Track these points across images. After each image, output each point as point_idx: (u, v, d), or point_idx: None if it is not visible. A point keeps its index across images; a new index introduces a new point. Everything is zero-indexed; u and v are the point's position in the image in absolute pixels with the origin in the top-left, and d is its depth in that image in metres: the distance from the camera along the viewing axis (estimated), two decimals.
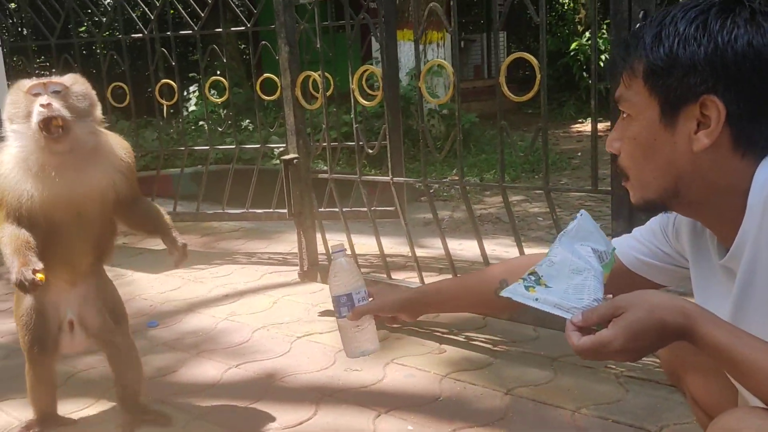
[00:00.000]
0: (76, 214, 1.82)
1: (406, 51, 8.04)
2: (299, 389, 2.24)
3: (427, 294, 1.57)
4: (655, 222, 1.28)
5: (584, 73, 10.29)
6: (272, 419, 2.05)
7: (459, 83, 2.33)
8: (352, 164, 6.58)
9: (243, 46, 11.45)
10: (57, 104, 1.69)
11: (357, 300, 1.43)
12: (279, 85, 3.02)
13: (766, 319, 0.99)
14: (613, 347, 0.97)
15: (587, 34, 9.43)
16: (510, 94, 2.24)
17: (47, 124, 1.68)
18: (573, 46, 10.78)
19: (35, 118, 1.68)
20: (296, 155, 2.77)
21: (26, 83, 1.76)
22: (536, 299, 1.11)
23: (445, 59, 9.00)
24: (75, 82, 1.80)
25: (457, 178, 6.49)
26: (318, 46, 2.69)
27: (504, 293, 1.15)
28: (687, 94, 1.01)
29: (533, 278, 1.16)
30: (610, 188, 2.08)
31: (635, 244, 1.32)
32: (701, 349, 0.94)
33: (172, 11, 4.01)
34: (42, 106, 1.67)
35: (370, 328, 1.46)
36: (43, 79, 1.77)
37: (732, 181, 1.02)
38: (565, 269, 1.14)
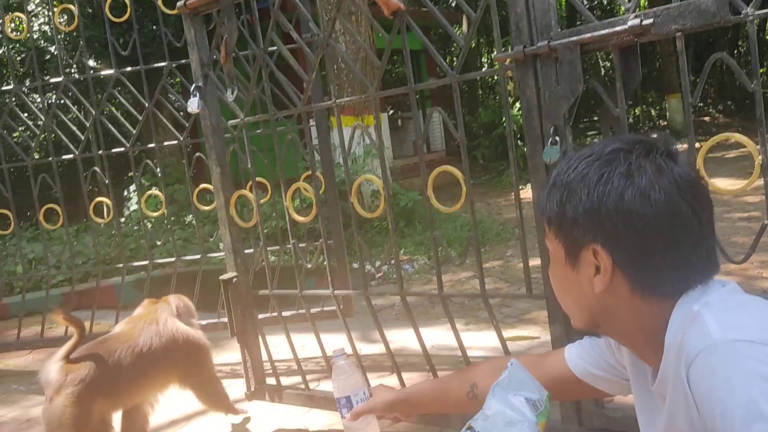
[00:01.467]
0: None
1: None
2: None
3: (412, 396, 1.61)
4: None
5: (519, 141, 10.67)
6: None
7: (389, 194, 2.38)
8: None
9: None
10: None
11: (356, 402, 1.50)
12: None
13: None
14: None
15: (518, 104, 9.79)
16: (439, 205, 2.29)
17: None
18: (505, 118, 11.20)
19: None
20: (235, 274, 2.75)
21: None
22: None
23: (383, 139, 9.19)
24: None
25: (406, 258, 6.47)
26: (249, 165, 2.71)
27: None
28: (577, 242, 1.07)
29: None
30: (544, 293, 2.11)
31: (584, 354, 1.37)
32: None
33: (108, 109, 3.99)
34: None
35: (372, 428, 1.53)
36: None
37: (640, 321, 1.06)
38: (499, 422, 1.15)
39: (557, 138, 1.93)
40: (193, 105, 2.61)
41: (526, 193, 9.67)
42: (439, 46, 15.60)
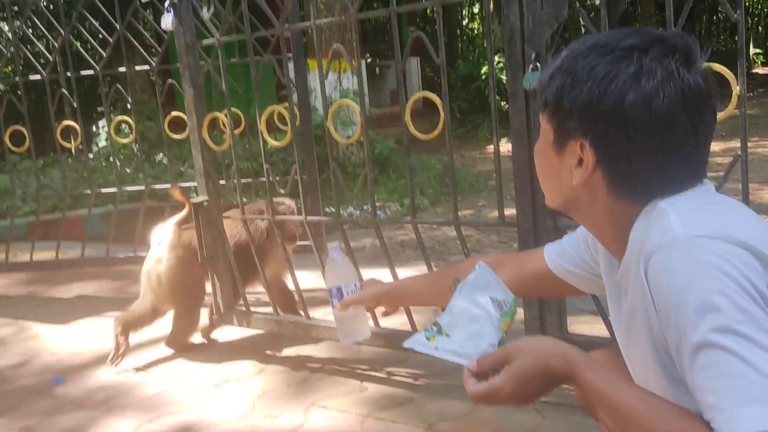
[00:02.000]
0: None
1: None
2: None
3: (398, 288, 1.65)
4: (580, 231, 1.34)
5: (496, 96, 10.65)
6: None
7: (366, 122, 2.35)
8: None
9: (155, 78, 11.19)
10: None
11: (346, 293, 1.55)
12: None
13: (642, 357, 1.03)
14: (504, 393, 1.00)
15: (497, 57, 9.72)
16: (416, 132, 2.27)
17: (294, 239, 2.90)
18: (484, 69, 11.10)
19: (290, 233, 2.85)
20: (206, 198, 2.71)
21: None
22: (436, 348, 1.15)
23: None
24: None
25: (379, 204, 6.50)
26: (223, 87, 2.65)
27: (406, 344, 1.20)
28: (567, 132, 1.05)
29: (435, 328, 1.19)
30: (516, 220, 2.13)
31: (562, 252, 1.38)
32: (583, 393, 0.98)
33: (78, 41, 3.86)
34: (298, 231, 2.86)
35: (360, 318, 1.59)
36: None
37: (610, 216, 1.07)
38: (464, 318, 1.18)
39: (538, 64, 1.92)
40: (167, 21, 2.53)
41: (501, 147, 9.65)
42: None
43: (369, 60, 12.63)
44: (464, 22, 14.36)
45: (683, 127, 0.98)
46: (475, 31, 13.34)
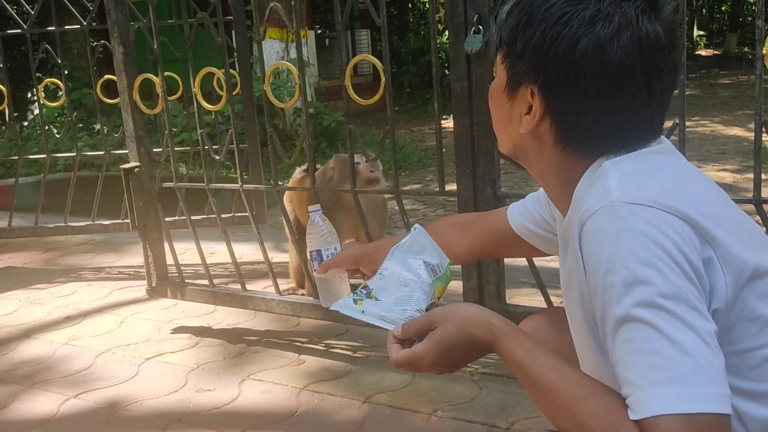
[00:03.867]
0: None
1: (267, 49, 7.88)
2: (145, 416, 2.08)
3: (374, 251, 1.59)
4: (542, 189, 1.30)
5: (446, 71, 10.61)
6: None
7: (304, 85, 2.27)
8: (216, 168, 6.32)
9: (96, 44, 10.73)
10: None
11: (326, 256, 1.54)
12: None
13: (577, 322, 1.00)
14: (426, 361, 0.97)
15: (447, 33, 9.67)
16: (356, 96, 2.20)
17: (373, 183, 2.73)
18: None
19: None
20: (137, 164, 2.58)
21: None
22: (362, 311, 1.11)
23: (308, 57, 8.88)
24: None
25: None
26: (155, 46, 2.51)
27: (334, 307, 1.15)
28: (519, 77, 1.00)
29: (364, 291, 1.15)
30: (456, 190, 2.08)
31: (524, 211, 1.35)
32: (506, 363, 0.94)
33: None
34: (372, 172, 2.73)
35: (341, 281, 1.57)
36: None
37: (556, 169, 1.02)
38: (394, 282, 1.13)
39: (481, 27, 1.86)
40: None
41: (449, 122, 9.65)
42: None
43: (319, 31, 12.41)
44: None
45: (637, 80, 0.93)
46: (426, 5, 13.21)
